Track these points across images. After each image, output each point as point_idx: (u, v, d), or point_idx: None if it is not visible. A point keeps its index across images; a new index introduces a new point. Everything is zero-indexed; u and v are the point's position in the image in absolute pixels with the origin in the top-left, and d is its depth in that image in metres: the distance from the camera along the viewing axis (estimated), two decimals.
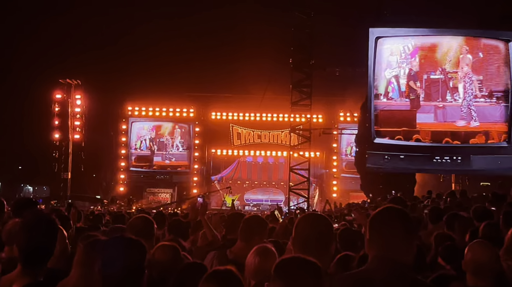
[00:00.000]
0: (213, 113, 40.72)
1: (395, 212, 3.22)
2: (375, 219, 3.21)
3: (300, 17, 27.60)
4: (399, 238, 3.09)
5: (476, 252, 4.38)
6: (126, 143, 40.24)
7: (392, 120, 24.31)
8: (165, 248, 4.95)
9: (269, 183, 41.22)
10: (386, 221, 3.15)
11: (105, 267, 3.19)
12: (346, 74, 30.98)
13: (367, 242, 3.18)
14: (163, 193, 40.75)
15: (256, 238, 5.33)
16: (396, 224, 3.12)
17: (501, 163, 23.55)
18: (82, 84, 37.04)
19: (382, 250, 3.08)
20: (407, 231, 3.14)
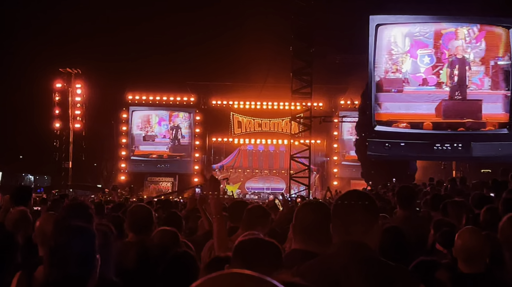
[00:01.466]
0: (213, 101, 40.68)
1: (355, 196, 3.22)
2: (336, 204, 3.21)
3: (300, 5, 27.50)
4: (360, 221, 3.08)
5: (466, 239, 4.39)
6: (127, 132, 40.23)
7: (454, 111, 24.17)
8: (164, 233, 4.98)
9: (270, 171, 41.25)
10: (346, 205, 3.14)
11: (52, 254, 3.16)
12: (347, 62, 30.95)
13: (331, 227, 3.16)
14: (164, 182, 40.79)
15: (258, 227, 5.34)
16: (356, 207, 3.11)
17: (502, 150, 23.55)
18: (82, 73, 37.03)
19: (344, 234, 3.07)
20: (367, 213, 3.12)
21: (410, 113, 24.22)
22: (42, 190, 30.32)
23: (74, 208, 4.08)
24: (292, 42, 28.06)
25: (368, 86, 24.64)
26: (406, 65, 24.40)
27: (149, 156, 40.32)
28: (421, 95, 24.30)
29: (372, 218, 3.16)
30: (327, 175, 40.62)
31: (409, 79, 24.40)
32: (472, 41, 24.18)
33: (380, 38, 24.10)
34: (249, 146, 41.59)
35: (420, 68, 24.38)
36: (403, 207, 6.33)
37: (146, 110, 40.54)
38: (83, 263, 3.15)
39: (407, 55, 24.33)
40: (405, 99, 24.41)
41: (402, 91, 24.40)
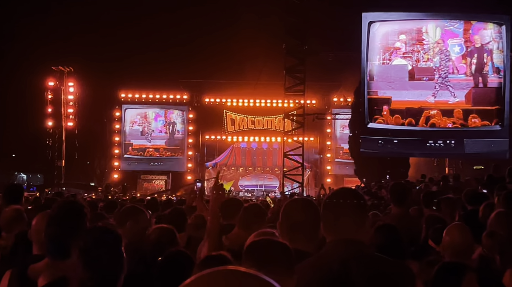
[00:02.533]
0: (206, 99, 40.63)
1: (345, 193, 3.22)
2: (326, 203, 3.21)
3: (292, 2, 27.48)
4: (352, 218, 3.08)
5: (454, 235, 4.41)
6: (120, 130, 40.14)
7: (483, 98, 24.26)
8: (161, 230, 4.97)
9: (263, 169, 41.26)
10: (336, 204, 3.15)
11: (83, 256, 3.17)
12: (340, 59, 30.93)
13: (322, 226, 3.17)
14: (157, 180, 40.75)
15: (254, 227, 5.34)
16: (345, 204, 3.12)
17: (494, 147, 23.63)
18: (75, 71, 36.93)
19: (337, 233, 3.08)
20: (358, 210, 3.13)
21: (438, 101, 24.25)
22: (35, 189, 30.26)
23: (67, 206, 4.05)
24: (285, 40, 28.05)
25: (361, 83, 24.67)
26: (436, 54, 24.39)
27: (145, 151, 40.20)
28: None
29: (363, 215, 3.17)
30: (320, 173, 40.65)
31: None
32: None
33: (373, 35, 24.13)
34: (243, 144, 41.59)
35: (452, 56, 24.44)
36: (396, 204, 6.34)
37: (139, 108, 40.45)
38: (116, 262, 3.17)
39: (438, 44, 24.35)
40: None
41: (433, 79, 24.34)
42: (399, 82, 24.43)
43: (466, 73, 24.34)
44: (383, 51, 24.48)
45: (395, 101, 24.28)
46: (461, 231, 4.47)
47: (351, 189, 3.34)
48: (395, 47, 24.43)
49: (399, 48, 24.43)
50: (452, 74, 24.30)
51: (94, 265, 3.12)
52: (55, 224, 3.70)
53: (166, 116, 40.50)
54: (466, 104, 24.14)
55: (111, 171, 40.15)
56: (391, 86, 24.46)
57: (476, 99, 24.10)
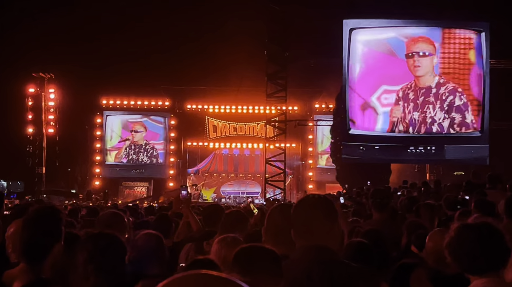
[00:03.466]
0: (188, 105, 40.59)
1: (315, 200, 3.26)
2: (296, 209, 3.24)
3: (274, 9, 27.59)
4: (320, 225, 3.12)
5: (437, 241, 4.45)
6: (101, 137, 39.97)
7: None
8: (149, 236, 4.96)
9: (245, 175, 41.23)
10: (306, 210, 3.19)
11: (91, 264, 3.20)
12: (321, 66, 31.07)
13: (292, 232, 3.20)
14: (139, 187, 40.58)
15: (237, 232, 5.35)
16: (315, 211, 3.16)
17: (474, 153, 23.85)
18: (55, 77, 36.69)
19: (306, 239, 3.12)
20: (326, 217, 3.16)
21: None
22: (15, 196, 29.99)
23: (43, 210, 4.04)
24: (267, 46, 28.13)
25: (343, 89, 24.79)
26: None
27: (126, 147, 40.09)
28: None
29: (332, 220, 3.19)
30: (302, 179, 40.72)
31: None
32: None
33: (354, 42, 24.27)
34: (225, 150, 41.56)
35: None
36: (377, 210, 6.38)
37: (121, 114, 40.31)
38: (117, 270, 3.20)
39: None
40: None
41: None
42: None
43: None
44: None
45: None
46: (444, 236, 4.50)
47: (319, 195, 3.38)
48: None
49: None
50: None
51: (104, 269, 3.17)
52: (30, 228, 3.69)
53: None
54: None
55: (92, 178, 39.94)
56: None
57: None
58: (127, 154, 40.23)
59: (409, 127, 24.33)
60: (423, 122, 24.26)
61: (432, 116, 24.21)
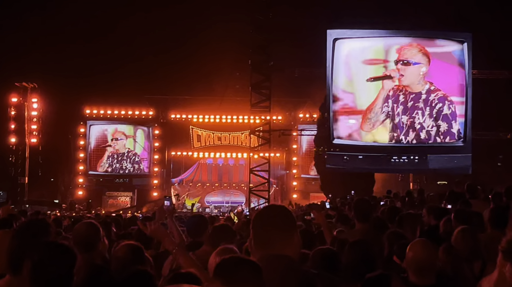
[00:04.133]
0: (172, 115, 40.53)
1: (272, 210, 3.31)
2: (256, 219, 3.26)
3: (258, 19, 27.64)
4: (278, 234, 3.14)
5: (417, 250, 4.47)
6: (85, 147, 39.79)
7: None
8: (128, 247, 4.93)
9: (229, 185, 41.17)
10: (264, 220, 3.21)
11: (35, 271, 3.17)
12: (305, 75, 31.13)
13: (251, 243, 3.22)
14: (122, 197, 40.35)
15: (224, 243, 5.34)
16: (273, 221, 3.17)
17: (457, 162, 23.97)
18: (38, 87, 36.50)
19: (265, 248, 3.13)
20: (286, 226, 3.18)
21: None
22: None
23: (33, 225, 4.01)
24: (251, 56, 28.15)
25: (327, 99, 24.86)
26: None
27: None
28: None
29: (291, 230, 3.20)
30: (286, 188, 40.74)
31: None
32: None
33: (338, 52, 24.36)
34: (209, 160, 41.49)
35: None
36: (360, 220, 6.38)
37: (104, 124, 40.15)
38: (64, 282, 3.16)
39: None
40: None
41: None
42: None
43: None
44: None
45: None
46: (424, 247, 4.52)
47: (278, 205, 3.41)
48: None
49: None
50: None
51: (43, 280, 3.13)
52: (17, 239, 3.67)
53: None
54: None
55: (76, 188, 39.69)
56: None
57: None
58: (110, 164, 40.05)
59: (396, 129, 24.38)
60: (411, 127, 24.34)
61: (421, 122, 24.30)
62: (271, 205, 3.45)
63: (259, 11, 27.64)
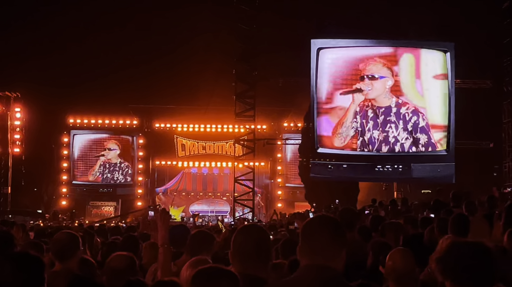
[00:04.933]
0: (156, 124, 40.45)
1: (324, 220, 3.27)
2: (305, 228, 3.25)
3: (243, 28, 27.70)
4: (327, 245, 3.12)
5: (397, 260, 4.47)
6: (68, 156, 39.59)
7: None
8: (121, 257, 4.91)
9: (214, 194, 41.12)
10: (315, 229, 3.19)
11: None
12: (289, 85, 31.22)
13: (298, 250, 3.20)
14: (106, 207, 40.13)
15: (204, 253, 5.32)
16: (324, 232, 3.16)
17: (441, 171, 24.10)
18: (21, 96, 36.24)
19: (311, 257, 3.12)
20: (335, 238, 3.16)
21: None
22: None
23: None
24: (235, 65, 28.20)
25: (311, 108, 24.91)
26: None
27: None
28: None
29: (340, 244, 3.19)
30: (271, 197, 40.73)
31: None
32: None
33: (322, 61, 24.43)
34: (193, 169, 41.42)
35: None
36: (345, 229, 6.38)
37: (88, 133, 39.98)
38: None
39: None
40: None
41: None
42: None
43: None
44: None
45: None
46: (403, 256, 4.53)
47: (329, 216, 3.38)
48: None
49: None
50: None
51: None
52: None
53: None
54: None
55: (59, 198, 39.45)
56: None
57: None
58: (101, 173, 39.88)
59: (368, 144, 24.46)
60: (384, 141, 24.40)
61: (395, 135, 24.38)
62: (322, 216, 3.41)
63: (243, 21, 27.71)
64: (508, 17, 26.61)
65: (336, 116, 24.59)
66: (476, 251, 3.02)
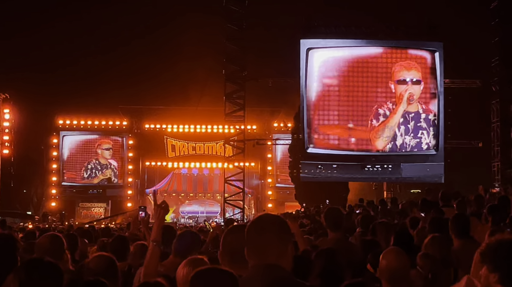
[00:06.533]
0: (146, 125, 40.38)
1: (267, 219, 3.26)
2: (250, 228, 3.22)
3: (232, 29, 27.67)
4: (273, 244, 3.11)
5: (390, 259, 4.46)
6: (58, 157, 39.44)
7: None
8: (100, 258, 4.89)
9: (204, 195, 41.09)
10: (259, 229, 3.17)
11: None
12: (279, 85, 31.21)
13: (246, 251, 3.18)
14: (96, 208, 40.02)
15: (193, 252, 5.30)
16: (268, 230, 3.14)
17: (430, 171, 24.16)
18: (10, 97, 36.07)
19: (259, 257, 3.10)
20: (279, 236, 3.15)
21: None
22: None
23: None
24: (225, 66, 28.16)
25: (301, 108, 24.92)
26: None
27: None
28: None
29: (285, 241, 3.17)
30: (261, 198, 40.73)
31: None
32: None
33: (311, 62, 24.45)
34: (183, 170, 41.37)
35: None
36: (332, 229, 6.38)
37: (77, 135, 39.85)
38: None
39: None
40: None
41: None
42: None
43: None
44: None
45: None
46: (397, 255, 4.52)
47: (273, 215, 3.37)
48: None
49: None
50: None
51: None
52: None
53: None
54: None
55: (49, 199, 39.31)
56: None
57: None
58: (94, 175, 39.80)
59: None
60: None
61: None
62: (268, 214, 3.39)
63: (232, 21, 27.68)
64: (496, 17, 26.69)
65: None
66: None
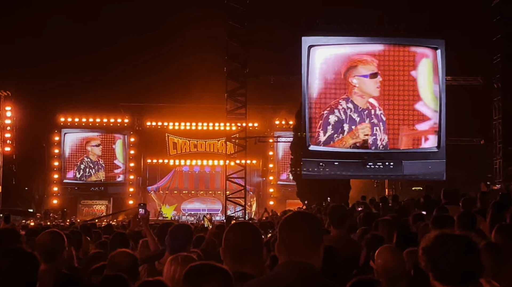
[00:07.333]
0: (148, 122, 40.37)
1: (302, 217, 3.26)
2: (283, 224, 3.22)
3: (234, 26, 27.66)
4: (305, 242, 3.11)
5: (386, 257, 4.46)
6: (59, 155, 39.46)
7: None
8: (125, 254, 4.90)
9: (206, 192, 41.08)
10: (292, 226, 3.17)
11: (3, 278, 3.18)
12: (281, 82, 31.20)
13: (276, 247, 3.18)
14: (98, 205, 40.04)
15: (187, 247, 5.31)
16: (302, 228, 3.14)
17: (432, 168, 24.15)
18: (12, 95, 36.09)
19: (289, 254, 3.10)
20: (313, 234, 3.14)
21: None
22: None
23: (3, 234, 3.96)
24: (226, 63, 28.16)
25: (302, 106, 24.91)
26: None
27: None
28: None
29: (317, 241, 3.17)
30: (263, 195, 40.73)
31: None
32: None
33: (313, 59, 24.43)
34: (185, 167, 41.35)
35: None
36: (335, 226, 6.38)
37: (79, 132, 39.86)
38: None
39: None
40: None
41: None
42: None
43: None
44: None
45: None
46: (393, 253, 4.51)
47: (307, 213, 3.36)
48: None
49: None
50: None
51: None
52: None
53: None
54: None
55: (50, 197, 39.32)
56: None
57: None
58: (88, 173, 39.85)
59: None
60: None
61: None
62: (298, 212, 3.39)
63: (234, 19, 27.67)
64: (498, 13, 26.67)
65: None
66: (461, 247, 2.98)
